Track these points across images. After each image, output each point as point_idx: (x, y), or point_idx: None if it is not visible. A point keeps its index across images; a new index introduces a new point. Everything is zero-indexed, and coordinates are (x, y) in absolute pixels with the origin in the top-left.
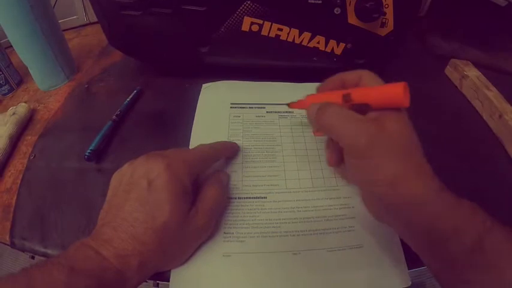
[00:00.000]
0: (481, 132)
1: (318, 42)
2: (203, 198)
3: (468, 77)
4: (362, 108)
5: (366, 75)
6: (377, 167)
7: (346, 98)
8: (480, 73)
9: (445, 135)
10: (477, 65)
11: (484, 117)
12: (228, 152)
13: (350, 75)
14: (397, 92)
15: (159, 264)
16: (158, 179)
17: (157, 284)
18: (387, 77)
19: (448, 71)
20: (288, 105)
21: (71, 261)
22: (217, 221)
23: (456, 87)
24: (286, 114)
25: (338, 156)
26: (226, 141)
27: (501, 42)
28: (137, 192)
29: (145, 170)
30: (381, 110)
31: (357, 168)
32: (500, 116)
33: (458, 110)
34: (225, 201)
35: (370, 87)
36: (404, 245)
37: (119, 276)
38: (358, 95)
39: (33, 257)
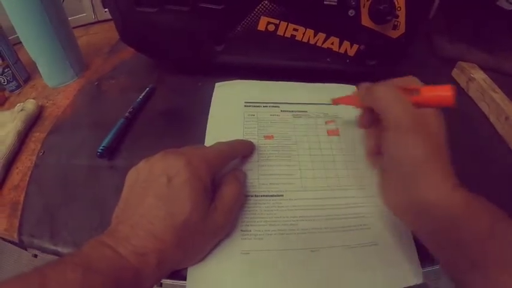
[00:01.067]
0: (487, 135)
1: (332, 43)
2: (221, 196)
3: (475, 80)
4: (412, 93)
5: (415, 81)
6: (411, 145)
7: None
8: (486, 76)
9: (452, 137)
10: (484, 67)
11: (491, 120)
12: (244, 150)
13: (399, 80)
14: (447, 90)
15: (177, 262)
16: (178, 176)
17: (161, 284)
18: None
19: (455, 73)
20: (333, 101)
21: (86, 260)
22: (235, 219)
23: (463, 89)
24: (300, 113)
25: (377, 148)
26: (242, 140)
27: (507, 45)
28: (156, 188)
29: (164, 167)
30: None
31: (394, 142)
32: (507, 118)
33: (465, 112)
34: (242, 199)
35: (423, 86)
36: (420, 246)
37: (137, 275)
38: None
39: (35, 256)
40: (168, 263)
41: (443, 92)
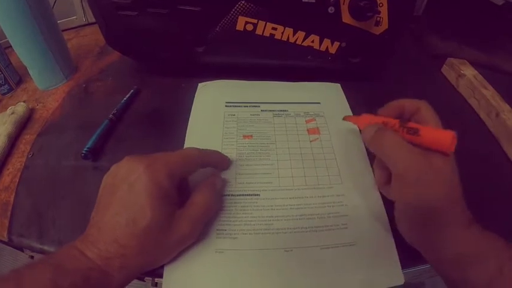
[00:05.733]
0: (478, 131)
1: (312, 41)
2: (191, 204)
3: (465, 76)
4: (411, 132)
5: (424, 109)
6: (419, 197)
7: (402, 123)
8: (477, 72)
9: None
10: (475, 64)
11: (481, 116)
12: (218, 161)
13: (409, 103)
14: (445, 138)
15: (142, 265)
16: (138, 182)
17: (156, 283)
18: (385, 76)
19: (445, 70)
20: (344, 118)
21: (57, 261)
22: (204, 228)
23: (453, 86)
24: (280, 112)
25: (386, 177)
26: (219, 152)
27: (499, 41)
28: (119, 194)
29: (126, 173)
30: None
31: (403, 193)
32: (497, 115)
33: (455, 109)
34: (215, 208)
35: (425, 127)
36: (401, 246)
37: (104, 275)
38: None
39: (32, 257)
40: (132, 267)
41: (443, 139)
